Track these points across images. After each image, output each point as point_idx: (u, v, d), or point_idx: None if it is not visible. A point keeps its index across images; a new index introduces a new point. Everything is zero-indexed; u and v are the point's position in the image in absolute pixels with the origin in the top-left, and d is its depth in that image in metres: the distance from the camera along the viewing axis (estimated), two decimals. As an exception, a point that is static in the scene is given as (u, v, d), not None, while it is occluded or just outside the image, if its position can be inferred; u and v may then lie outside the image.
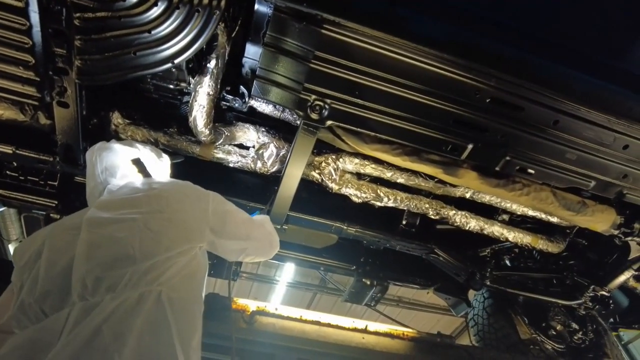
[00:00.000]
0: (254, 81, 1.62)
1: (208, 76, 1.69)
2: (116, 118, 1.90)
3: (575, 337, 2.65)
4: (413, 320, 8.52)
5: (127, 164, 1.56)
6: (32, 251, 1.23)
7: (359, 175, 2.19)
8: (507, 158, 1.84)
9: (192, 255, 1.29)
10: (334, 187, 2.10)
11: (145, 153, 1.65)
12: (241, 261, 1.69)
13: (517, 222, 2.57)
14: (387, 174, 2.12)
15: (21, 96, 1.59)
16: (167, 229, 1.25)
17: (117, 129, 1.91)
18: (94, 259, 1.13)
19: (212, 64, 1.67)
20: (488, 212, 2.43)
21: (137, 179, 1.53)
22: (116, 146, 1.59)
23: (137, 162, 1.58)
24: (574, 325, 2.69)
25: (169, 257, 1.19)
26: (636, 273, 2.46)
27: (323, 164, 2.06)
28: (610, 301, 2.58)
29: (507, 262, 2.82)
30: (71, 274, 1.13)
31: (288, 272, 7.94)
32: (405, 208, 2.24)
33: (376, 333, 1.83)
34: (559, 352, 2.68)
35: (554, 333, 2.67)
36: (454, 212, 2.25)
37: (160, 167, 1.70)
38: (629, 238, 2.22)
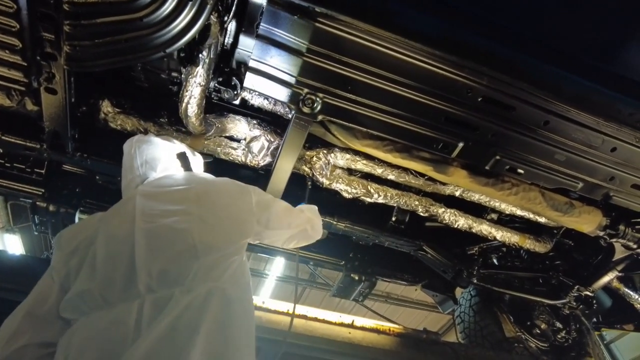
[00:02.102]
0: (246, 72, 1.61)
1: (200, 66, 1.67)
2: (106, 106, 1.87)
3: (559, 336, 2.69)
4: (401, 316, 8.58)
5: (170, 157, 1.59)
6: (83, 238, 1.23)
7: (350, 171, 2.19)
8: (497, 157, 1.85)
9: (243, 252, 1.33)
10: (324, 182, 2.10)
11: (183, 148, 1.68)
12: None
13: (506, 221, 2.60)
14: (378, 170, 2.12)
15: (7, 81, 1.56)
16: (223, 223, 1.28)
17: (107, 118, 1.88)
18: (157, 250, 1.14)
19: (204, 54, 1.64)
20: (477, 211, 2.45)
21: (179, 173, 1.56)
22: (157, 140, 1.62)
23: (182, 157, 1.62)
24: (558, 324, 2.73)
25: (229, 252, 1.21)
26: (620, 274, 2.50)
27: (314, 159, 2.06)
28: (594, 301, 2.61)
29: (495, 261, 2.85)
30: (132, 263, 1.12)
31: (277, 266, 7.95)
32: (395, 205, 2.24)
33: (362, 328, 1.84)
34: (543, 351, 2.72)
35: (538, 331, 2.71)
36: (443, 209, 2.27)
37: (196, 163, 1.73)
38: (614, 239, 2.25)
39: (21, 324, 1.12)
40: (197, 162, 1.75)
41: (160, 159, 1.54)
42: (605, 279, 2.53)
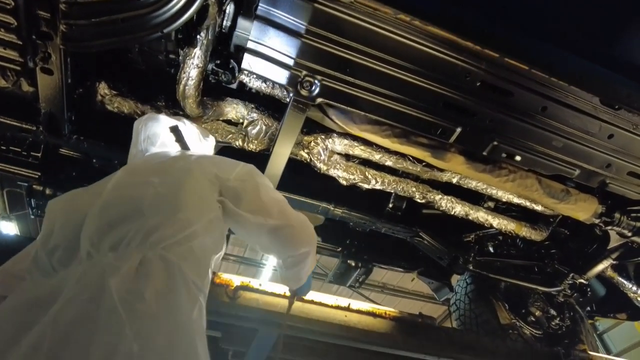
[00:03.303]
0: (244, 54, 1.60)
1: (197, 47, 1.65)
2: (103, 89, 1.86)
3: (553, 323, 2.72)
4: (397, 306, 8.62)
5: (166, 132, 1.55)
6: (57, 208, 1.21)
7: (348, 157, 2.18)
8: (495, 143, 1.86)
9: (204, 227, 1.17)
10: (322, 167, 2.10)
11: (189, 128, 1.65)
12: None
13: (502, 209, 2.61)
14: (376, 156, 2.12)
15: (3, 60, 1.55)
16: (177, 192, 1.18)
17: (104, 100, 1.87)
18: (104, 217, 1.10)
19: (202, 35, 1.63)
20: (474, 198, 2.46)
21: (174, 149, 1.52)
22: (161, 116, 1.60)
23: (175, 130, 1.58)
24: (552, 312, 2.76)
25: (176, 221, 1.10)
26: (614, 262, 2.52)
27: (312, 144, 2.05)
28: (588, 289, 2.64)
29: (491, 249, 2.86)
30: (80, 231, 1.09)
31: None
32: (392, 191, 2.25)
33: (358, 311, 1.85)
34: (537, 338, 2.75)
35: (533, 319, 2.74)
36: (440, 196, 2.27)
37: (204, 145, 1.69)
38: (609, 227, 2.27)
39: None
40: (207, 145, 1.71)
41: (159, 134, 1.53)
42: (600, 267, 2.55)
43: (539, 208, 2.43)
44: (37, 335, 0.85)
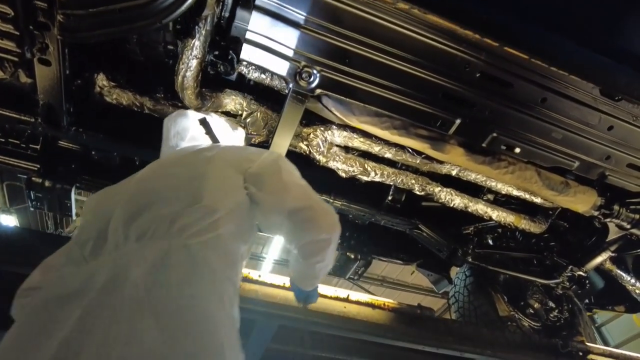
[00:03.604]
0: (243, 44, 1.59)
1: (196, 38, 1.65)
2: (101, 80, 1.85)
3: (551, 315, 2.73)
4: (396, 299, 8.65)
5: (195, 125, 1.58)
6: (91, 204, 1.27)
7: (347, 149, 2.18)
8: (494, 135, 1.85)
9: (229, 215, 1.15)
10: (321, 159, 2.09)
11: (218, 121, 1.67)
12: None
13: (502, 202, 2.61)
14: (375, 149, 2.12)
15: (0, 51, 1.54)
16: (200, 181, 1.17)
17: (102, 92, 1.87)
18: (129, 209, 1.11)
19: (200, 26, 1.62)
20: (474, 191, 2.45)
21: (204, 142, 1.54)
22: (189, 111, 1.64)
23: (204, 123, 1.60)
24: (551, 304, 2.77)
25: (199, 209, 1.09)
26: (613, 254, 2.52)
27: (311, 136, 2.04)
28: (587, 282, 2.65)
29: (490, 241, 2.87)
30: (109, 222, 1.11)
31: (275, 247, 7.99)
32: (391, 183, 2.25)
33: (357, 302, 1.86)
34: (535, 330, 2.76)
35: (531, 311, 2.76)
36: (439, 188, 2.27)
37: (234, 137, 1.70)
38: (608, 219, 2.27)
39: (36, 270, 1.18)
40: (237, 136, 1.72)
41: (189, 128, 1.56)
42: (599, 259, 2.55)
43: (538, 200, 2.43)
44: (67, 327, 0.88)
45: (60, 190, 2.19)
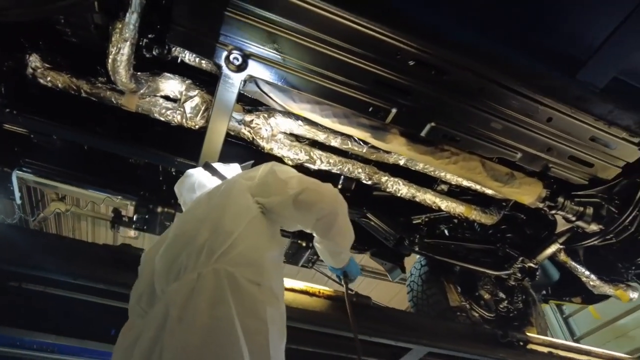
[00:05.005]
0: (170, 28, 1.56)
1: (126, 20, 1.61)
2: (34, 61, 1.82)
3: (501, 306, 2.75)
4: (375, 289, 8.70)
5: (200, 172, 1.69)
6: (142, 259, 1.40)
7: (293, 137, 2.16)
8: (432, 124, 1.84)
9: (246, 231, 1.25)
10: (265, 146, 2.08)
11: (217, 164, 1.76)
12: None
13: (456, 193, 2.61)
14: (321, 137, 2.11)
15: None
16: (219, 212, 1.28)
17: (35, 73, 1.83)
18: (166, 257, 1.23)
19: (131, 7, 1.59)
20: (428, 182, 2.45)
21: (213, 183, 1.61)
22: (189, 170, 1.74)
23: (208, 166, 1.70)
24: (501, 295, 2.78)
25: (220, 234, 1.20)
26: (561, 246, 2.54)
27: (254, 122, 2.03)
28: (538, 273, 2.66)
29: (445, 232, 2.88)
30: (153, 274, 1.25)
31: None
32: (339, 172, 2.23)
33: (292, 290, 1.85)
34: (488, 320, 2.79)
35: (483, 302, 2.77)
36: (386, 178, 2.26)
37: (232, 171, 1.77)
38: (553, 211, 2.28)
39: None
40: (233, 170, 1.79)
41: (195, 180, 1.65)
42: (549, 251, 2.57)
43: (490, 192, 2.43)
44: None
45: (1, 173, 2.16)
